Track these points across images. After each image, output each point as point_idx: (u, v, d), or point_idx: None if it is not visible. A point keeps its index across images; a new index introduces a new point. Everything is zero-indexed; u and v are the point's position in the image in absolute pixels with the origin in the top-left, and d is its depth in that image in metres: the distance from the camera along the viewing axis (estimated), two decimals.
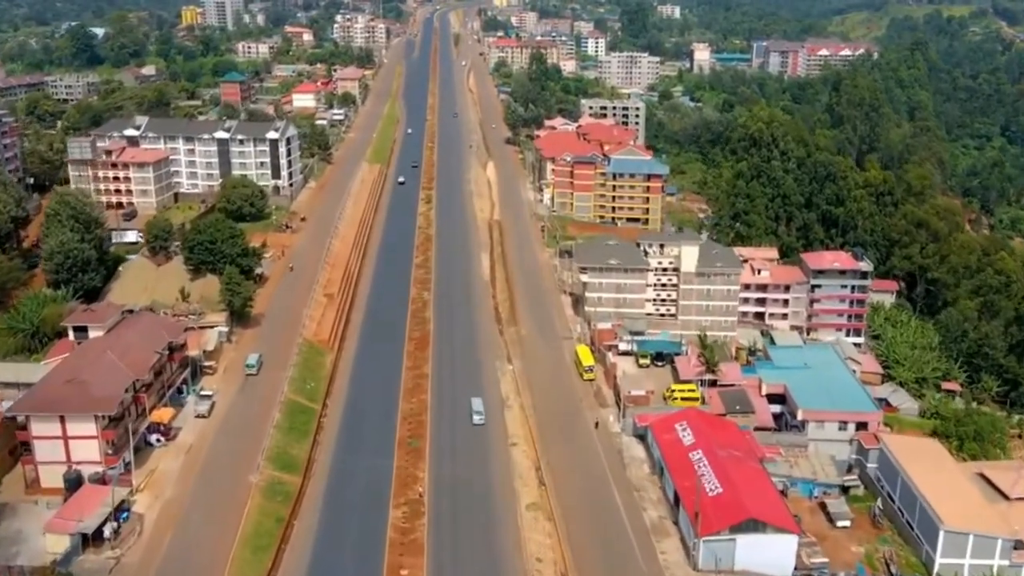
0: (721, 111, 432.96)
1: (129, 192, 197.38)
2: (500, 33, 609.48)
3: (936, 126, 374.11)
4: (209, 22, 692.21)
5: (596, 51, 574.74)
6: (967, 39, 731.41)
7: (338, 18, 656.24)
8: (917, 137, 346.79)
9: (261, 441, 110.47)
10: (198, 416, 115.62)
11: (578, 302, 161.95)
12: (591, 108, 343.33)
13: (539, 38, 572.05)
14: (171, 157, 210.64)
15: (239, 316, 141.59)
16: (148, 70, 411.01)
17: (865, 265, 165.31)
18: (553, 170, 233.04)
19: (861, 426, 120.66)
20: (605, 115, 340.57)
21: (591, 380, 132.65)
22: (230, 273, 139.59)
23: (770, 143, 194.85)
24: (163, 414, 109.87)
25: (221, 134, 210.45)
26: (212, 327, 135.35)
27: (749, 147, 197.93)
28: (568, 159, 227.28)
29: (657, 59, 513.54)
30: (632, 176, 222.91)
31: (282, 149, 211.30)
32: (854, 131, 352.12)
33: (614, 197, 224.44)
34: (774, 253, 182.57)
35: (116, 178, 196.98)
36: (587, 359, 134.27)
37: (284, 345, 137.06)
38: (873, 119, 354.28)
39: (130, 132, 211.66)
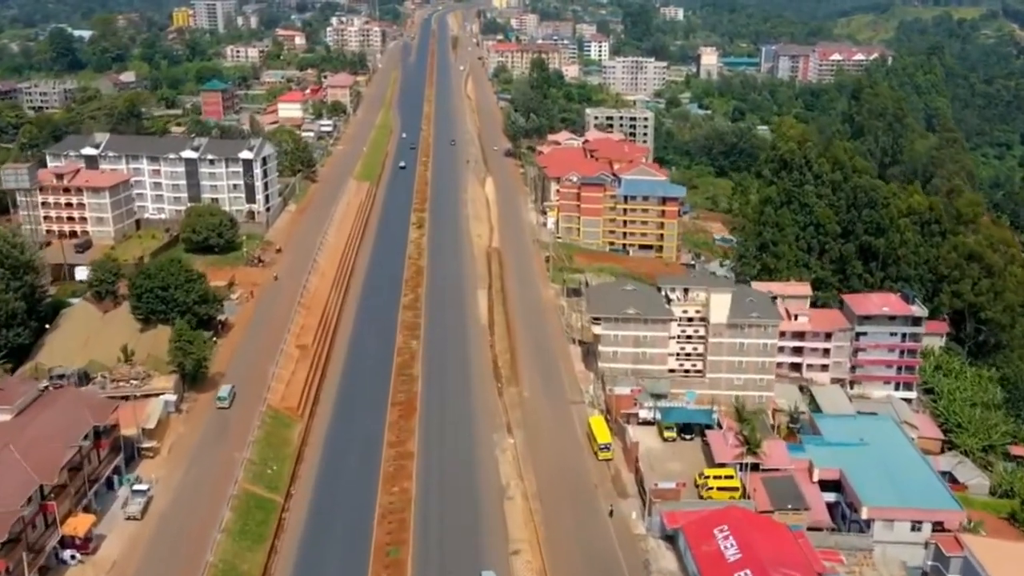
0: (732, 119, 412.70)
1: (83, 220, 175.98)
2: (499, 36, 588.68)
3: (962, 137, 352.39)
4: (200, 24, 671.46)
5: (599, 55, 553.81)
6: (979, 42, 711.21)
7: (333, 20, 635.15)
8: (943, 149, 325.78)
9: (203, 553, 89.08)
10: (128, 519, 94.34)
11: (589, 353, 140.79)
12: (596, 118, 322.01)
13: (540, 42, 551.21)
14: (134, 179, 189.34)
15: (193, 379, 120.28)
16: (127, 76, 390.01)
17: (918, 310, 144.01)
18: (558, 191, 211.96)
19: (938, 525, 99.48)
20: (611, 126, 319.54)
21: (607, 460, 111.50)
22: (180, 329, 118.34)
23: (802, 165, 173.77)
24: (80, 523, 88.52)
25: (189, 153, 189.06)
26: (158, 395, 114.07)
27: (779, 170, 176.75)
28: (574, 180, 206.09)
29: (663, 64, 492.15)
30: (645, 199, 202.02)
31: (257, 170, 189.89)
32: (876, 143, 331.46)
33: (625, 222, 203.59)
34: (806, 289, 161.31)
35: (68, 204, 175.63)
36: (602, 435, 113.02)
37: (244, 415, 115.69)
38: (896, 130, 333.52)
39: (88, 151, 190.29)
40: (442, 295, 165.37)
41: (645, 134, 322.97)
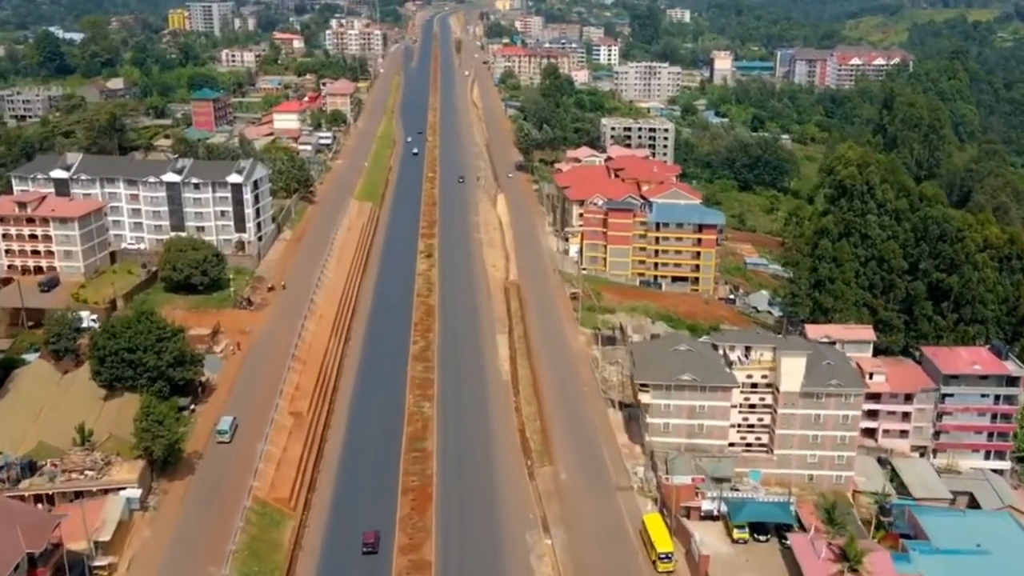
0: (752, 128, 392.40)
1: (50, 254, 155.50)
2: (505, 40, 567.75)
3: (1003, 149, 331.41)
4: (195, 27, 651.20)
5: (609, 60, 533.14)
6: (997, 45, 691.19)
7: (332, 23, 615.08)
8: (982, 162, 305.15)
9: None
10: None
11: (631, 419, 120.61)
12: (613, 130, 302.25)
13: (547, 46, 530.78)
14: (110, 205, 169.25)
15: (163, 463, 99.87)
16: (115, 83, 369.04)
17: (1014, 368, 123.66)
18: (581, 216, 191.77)
19: None
20: (629, 138, 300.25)
21: (668, 572, 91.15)
22: (148, 406, 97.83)
23: (864, 193, 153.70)
24: None
25: (171, 176, 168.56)
26: (119, 489, 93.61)
27: (837, 197, 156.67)
28: (600, 204, 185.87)
29: (677, 69, 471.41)
30: (679, 226, 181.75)
31: (247, 195, 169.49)
32: (911, 155, 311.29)
33: (657, 252, 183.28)
34: (869, 333, 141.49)
35: (33, 236, 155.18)
36: (662, 541, 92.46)
37: (224, 513, 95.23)
38: (932, 142, 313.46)
39: (58, 173, 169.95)
40: (457, 342, 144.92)
41: (665, 146, 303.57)
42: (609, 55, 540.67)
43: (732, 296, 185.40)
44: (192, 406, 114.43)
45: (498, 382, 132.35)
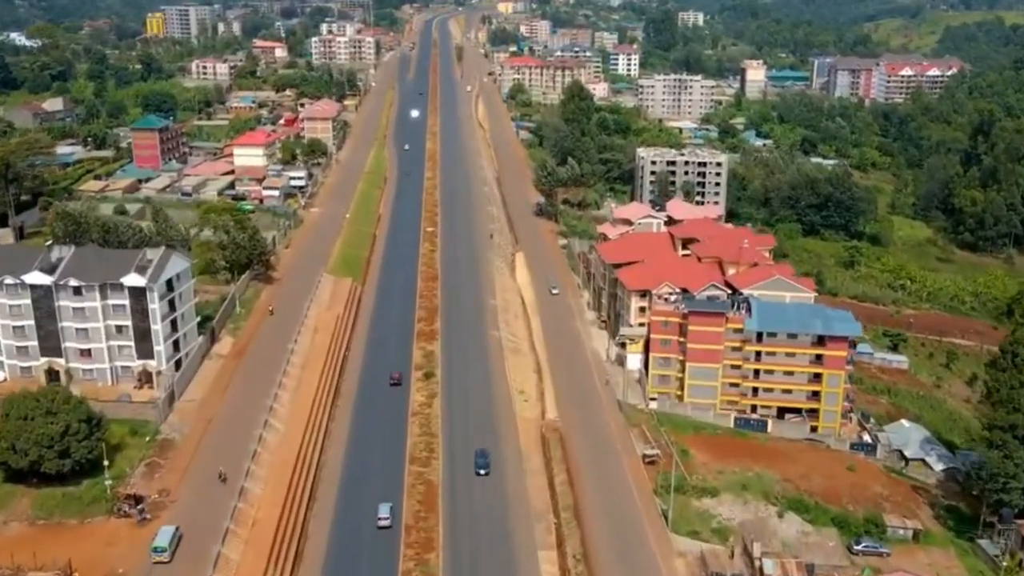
0: (804, 152, 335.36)
1: None
2: (512, 48, 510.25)
3: None
4: (172, 33, 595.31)
5: (628, 70, 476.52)
6: None
7: (323, 27, 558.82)
8: None
9: None
10: None
11: None
12: (654, 163, 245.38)
13: (559, 54, 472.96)
14: None
15: None
16: (53, 103, 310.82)
17: None
18: (642, 311, 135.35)
19: None
20: (673, 174, 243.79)
21: None
22: None
23: None
24: None
25: (38, 277, 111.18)
26: None
27: None
28: (673, 301, 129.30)
29: (710, 83, 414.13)
30: (791, 337, 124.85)
31: (154, 304, 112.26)
32: (1016, 192, 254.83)
33: (758, 372, 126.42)
34: None
35: None
36: None
37: None
38: None
39: None
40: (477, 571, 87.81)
41: (717, 184, 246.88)
42: (628, 64, 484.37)
43: (868, 438, 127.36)
44: None
45: None
